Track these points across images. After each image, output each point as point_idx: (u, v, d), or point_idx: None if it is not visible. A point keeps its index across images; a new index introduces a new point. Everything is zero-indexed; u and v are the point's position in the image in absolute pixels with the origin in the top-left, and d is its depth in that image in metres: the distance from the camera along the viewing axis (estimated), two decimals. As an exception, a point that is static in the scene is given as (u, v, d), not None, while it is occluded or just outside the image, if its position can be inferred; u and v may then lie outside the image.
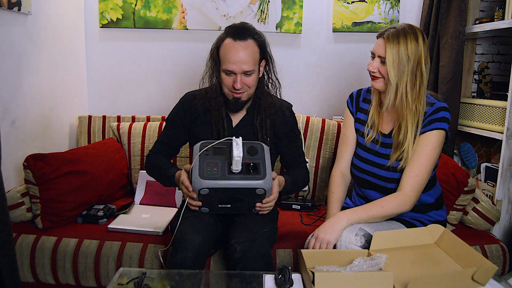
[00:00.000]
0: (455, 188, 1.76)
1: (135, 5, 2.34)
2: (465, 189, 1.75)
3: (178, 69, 2.43)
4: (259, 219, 1.51)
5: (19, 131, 1.87)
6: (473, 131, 2.07)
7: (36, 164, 1.69)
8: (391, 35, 1.38)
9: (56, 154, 1.82)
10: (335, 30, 2.38)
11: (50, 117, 2.12)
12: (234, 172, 1.32)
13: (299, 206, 2.05)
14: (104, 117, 2.33)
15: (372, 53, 1.45)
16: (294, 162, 1.70)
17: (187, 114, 1.60)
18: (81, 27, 2.38)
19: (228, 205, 1.42)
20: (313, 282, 1.03)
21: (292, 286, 1.11)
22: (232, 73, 1.45)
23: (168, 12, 2.35)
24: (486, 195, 1.93)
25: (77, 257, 1.65)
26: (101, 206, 1.89)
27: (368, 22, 2.36)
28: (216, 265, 1.57)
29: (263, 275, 1.18)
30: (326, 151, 2.14)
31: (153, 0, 2.34)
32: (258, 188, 1.33)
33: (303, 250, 1.21)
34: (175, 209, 1.96)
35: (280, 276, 1.12)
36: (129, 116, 2.33)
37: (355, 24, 2.37)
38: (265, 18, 2.35)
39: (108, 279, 1.63)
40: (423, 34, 1.41)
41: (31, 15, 1.91)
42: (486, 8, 2.27)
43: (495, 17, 1.99)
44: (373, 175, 1.50)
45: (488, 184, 2.04)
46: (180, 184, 1.42)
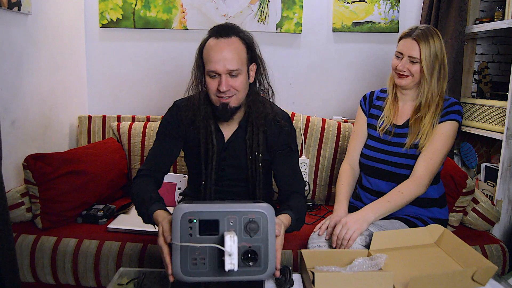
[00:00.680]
0: (454, 190, 1.76)
1: (135, 5, 2.34)
2: (464, 191, 1.76)
3: (178, 69, 2.43)
4: None
5: (19, 131, 1.87)
6: (473, 131, 2.07)
7: (36, 164, 1.69)
8: (422, 36, 1.48)
9: (56, 154, 1.82)
10: (335, 30, 2.38)
11: (50, 117, 2.12)
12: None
13: (299, 206, 2.05)
14: (104, 117, 2.33)
15: (400, 53, 1.53)
16: (293, 186, 1.43)
17: (178, 124, 1.44)
18: (81, 27, 2.38)
19: None
20: (313, 282, 1.03)
21: (293, 286, 1.11)
22: (217, 75, 1.29)
23: (168, 12, 2.35)
24: (486, 195, 1.93)
25: (77, 257, 1.65)
26: (101, 206, 1.89)
27: (368, 22, 2.36)
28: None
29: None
30: (326, 151, 2.14)
31: (153, 0, 2.34)
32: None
33: (303, 250, 1.22)
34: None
35: (281, 276, 1.12)
36: (129, 116, 2.33)
37: (355, 24, 2.37)
38: (265, 18, 2.35)
39: (108, 279, 1.63)
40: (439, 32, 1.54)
41: (31, 15, 1.91)
42: (486, 8, 2.27)
43: (495, 17, 1.99)
44: (385, 162, 1.55)
45: (488, 184, 2.04)
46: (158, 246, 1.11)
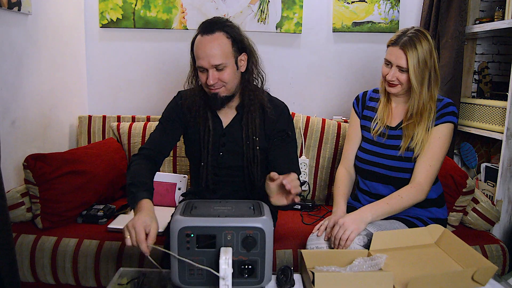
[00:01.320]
0: (454, 190, 1.76)
1: (135, 5, 2.34)
2: (464, 191, 1.76)
3: (178, 69, 2.43)
4: None
5: (19, 131, 1.87)
6: (473, 131, 2.07)
7: (36, 164, 1.69)
8: (409, 43, 1.42)
9: (56, 154, 1.82)
10: (335, 30, 2.38)
11: (50, 117, 2.12)
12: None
13: (300, 206, 2.05)
14: (104, 117, 2.33)
15: (388, 62, 1.48)
16: (285, 172, 1.37)
17: (180, 111, 1.53)
18: (81, 27, 2.38)
19: None
20: (313, 282, 1.03)
21: (293, 287, 1.11)
22: (204, 69, 1.38)
23: (168, 12, 2.35)
24: (486, 195, 1.93)
25: (77, 257, 1.65)
26: (101, 206, 1.89)
27: (368, 22, 2.36)
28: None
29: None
30: (326, 151, 2.14)
31: (153, 0, 2.34)
32: None
33: (303, 250, 1.22)
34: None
35: (282, 276, 1.12)
36: (129, 116, 2.33)
37: (355, 24, 2.37)
38: (265, 18, 2.35)
39: (108, 279, 1.63)
40: (429, 33, 1.48)
41: (31, 15, 1.91)
42: (486, 8, 2.27)
43: (495, 17, 1.99)
44: (380, 166, 1.53)
45: (488, 184, 2.04)
46: (131, 228, 1.12)
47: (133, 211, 1.23)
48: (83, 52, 2.42)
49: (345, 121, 2.27)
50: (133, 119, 2.32)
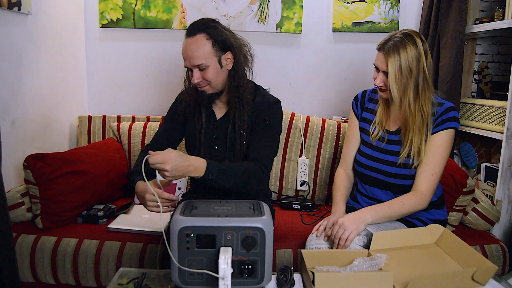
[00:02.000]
0: (454, 190, 1.76)
1: (135, 5, 2.34)
2: (464, 190, 1.75)
3: (178, 69, 2.43)
4: None
5: (19, 131, 1.87)
6: (473, 131, 2.07)
7: (36, 164, 1.69)
8: (391, 49, 1.38)
9: (56, 154, 1.82)
10: (335, 30, 2.38)
11: (50, 117, 2.12)
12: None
13: (299, 206, 2.05)
14: (104, 117, 2.33)
15: (376, 67, 1.46)
16: (255, 153, 1.47)
17: (180, 108, 1.62)
18: (81, 27, 2.38)
19: None
20: (313, 282, 1.03)
21: (293, 287, 1.11)
22: (190, 69, 1.50)
23: (168, 12, 2.35)
24: (486, 195, 1.93)
25: (77, 257, 1.65)
26: (101, 206, 1.89)
27: (368, 22, 2.36)
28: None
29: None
30: (326, 151, 2.14)
31: (153, 0, 2.34)
32: None
33: (303, 250, 1.21)
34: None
35: (282, 276, 1.12)
36: (129, 116, 2.33)
37: (355, 24, 2.37)
38: (265, 18, 2.35)
39: (108, 279, 1.63)
40: (421, 36, 1.41)
41: (31, 15, 1.91)
42: (486, 8, 2.27)
43: (495, 17, 1.99)
44: (379, 172, 1.51)
45: (488, 184, 2.04)
46: (140, 199, 1.36)
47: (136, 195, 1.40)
48: (83, 52, 2.42)
49: (345, 121, 2.27)
50: (133, 119, 2.32)
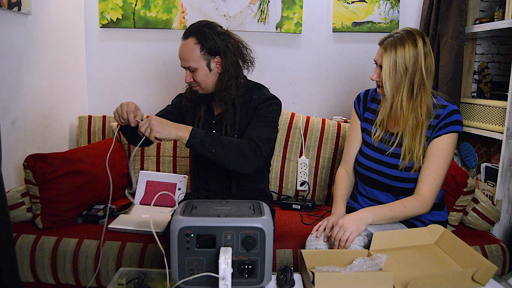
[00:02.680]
0: (455, 189, 1.76)
1: (135, 5, 2.34)
2: (465, 190, 1.75)
3: (178, 69, 2.41)
4: None
5: (19, 131, 1.87)
6: (473, 131, 2.07)
7: (36, 164, 1.69)
8: (389, 45, 1.37)
9: (56, 154, 1.82)
10: (335, 30, 2.38)
11: (50, 117, 2.12)
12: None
13: (299, 206, 2.05)
14: (104, 117, 2.33)
15: (375, 61, 1.45)
16: (248, 134, 1.51)
17: (180, 106, 1.73)
18: (81, 27, 2.38)
19: None
20: (313, 282, 1.03)
21: (293, 287, 1.11)
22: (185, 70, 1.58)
23: (168, 12, 2.35)
24: (486, 195, 1.93)
25: (77, 257, 1.65)
26: (101, 206, 1.89)
27: (368, 22, 2.36)
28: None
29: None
30: (326, 151, 2.14)
31: (153, 0, 2.34)
32: None
33: (303, 250, 1.21)
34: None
35: (282, 276, 1.12)
36: (129, 116, 2.33)
37: (355, 24, 2.37)
38: (265, 18, 2.35)
39: (108, 279, 1.63)
40: (424, 37, 1.39)
41: (31, 15, 1.91)
42: (486, 8, 2.27)
43: (495, 17, 1.99)
44: (380, 173, 1.50)
45: (488, 184, 2.04)
46: (118, 108, 1.45)
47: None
48: (83, 52, 2.42)
49: (345, 121, 2.27)
50: (133, 119, 2.32)
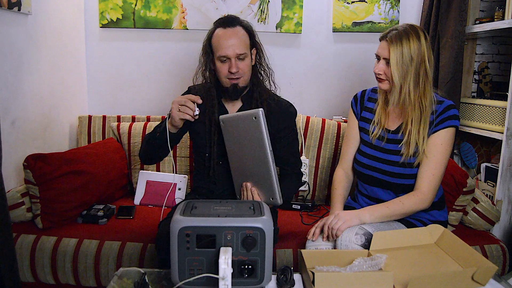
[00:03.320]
0: (454, 189, 1.76)
1: (135, 5, 2.34)
2: (464, 190, 1.75)
3: (178, 69, 2.43)
4: None
5: (19, 131, 1.87)
6: (473, 131, 2.07)
7: (36, 164, 1.69)
8: (394, 37, 1.41)
9: (56, 154, 1.82)
10: (335, 30, 2.38)
11: (50, 117, 2.12)
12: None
13: (299, 206, 2.05)
14: (104, 117, 2.33)
15: (377, 56, 1.48)
16: (288, 164, 1.63)
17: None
18: (81, 27, 2.38)
19: None
20: (313, 282, 1.03)
21: (294, 287, 1.11)
22: (227, 59, 1.48)
23: (168, 12, 2.35)
24: (486, 195, 1.93)
25: (77, 257, 1.65)
26: (101, 206, 1.89)
27: (368, 22, 2.36)
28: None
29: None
30: (326, 151, 2.14)
31: (153, 0, 2.34)
32: None
33: (303, 250, 1.21)
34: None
35: (282, 276, 1.12)
36: (129, 116, 2.33)
37: (355, 24, 2.37)
38: (265, 18, 2.35)
39: (108, 279, 1.63)
40: (425, 33, 1.44)
41: (31, 15, 1.91)
42: (486, 8, 2.27)
43: (495, 17, 1.99)
44: (379, 171, 1.51)
45: (488, 184, 2.04)
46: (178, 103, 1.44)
47: (168, 123, 1.48)
48: (83, 52, 2.42)
49: (345, 121, 2.27)
50: (133, 119, 2.32)
